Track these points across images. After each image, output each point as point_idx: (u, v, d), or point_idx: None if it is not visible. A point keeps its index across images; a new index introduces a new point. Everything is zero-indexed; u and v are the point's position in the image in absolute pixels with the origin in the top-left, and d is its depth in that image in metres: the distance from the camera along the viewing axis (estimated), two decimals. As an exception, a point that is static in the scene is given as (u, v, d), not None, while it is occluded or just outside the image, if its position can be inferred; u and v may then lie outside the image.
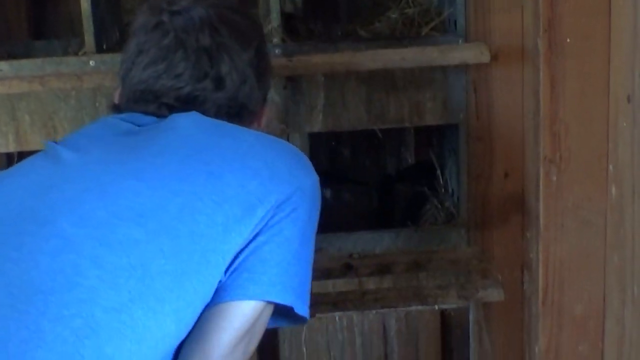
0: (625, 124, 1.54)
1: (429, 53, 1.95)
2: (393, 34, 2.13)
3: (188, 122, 1.37)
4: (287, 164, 1.34)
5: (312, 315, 1.83)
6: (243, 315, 1.27)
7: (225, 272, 1.26)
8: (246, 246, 1.27)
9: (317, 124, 2.05)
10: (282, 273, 1.29)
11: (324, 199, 1.41)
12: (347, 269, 2.00)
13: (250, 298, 1.27)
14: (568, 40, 1.69)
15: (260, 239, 1.27)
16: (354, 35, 2.15)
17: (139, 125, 1.42)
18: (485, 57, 1.93)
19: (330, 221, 2.30)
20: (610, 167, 1.60)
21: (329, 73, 1.98)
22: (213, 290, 1.25)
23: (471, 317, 2.22)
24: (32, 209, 1.26)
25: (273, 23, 2.03)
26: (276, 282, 1.29)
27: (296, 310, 1.32)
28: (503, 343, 2.10)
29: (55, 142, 1.39)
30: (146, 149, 1.32)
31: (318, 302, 1.83)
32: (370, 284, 2.11)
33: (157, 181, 1.26)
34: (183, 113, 1.40)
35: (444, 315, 2.60)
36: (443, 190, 2.33)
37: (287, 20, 2.15)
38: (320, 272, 1.96)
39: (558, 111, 1.65)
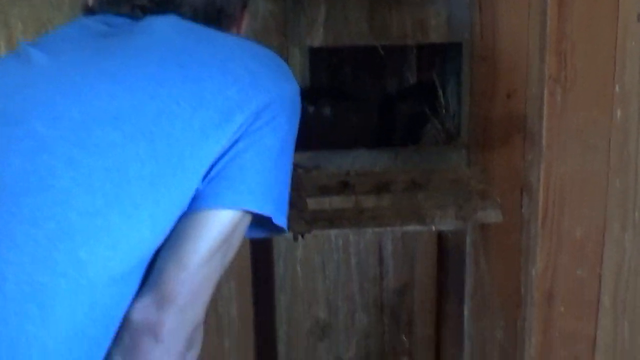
0: (634, 44, 1.49)
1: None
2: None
3: (165, 25, 1.31)
4: (267, 70, 1.29)
5: (308, 231, 1.82)
6: (220, 224, 1.24)
7: (203, 179, 1.22)
8: (225, 153, 1.23)
9: (318, 38, 2.00)
10: (262, 182, 1.26)
11: (323, 117, 1.37)
12: (344, 187, 1.96)
13: (228, 207, 1.23)
14: (577, -43, 1.64)
15: (239, 146, 1.23)
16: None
17: (113, 27, 1.36)
18: (492, -26, 1.88)
19: (329, 138, 2.27)
20: (617, 88, 1.56)
21: (330, -15, 1.94)
22: (190, 197, 1.22)
23: (468, 239, 2.21)
24: (3, 109, 1.22)
25: None
26: (255, 190, 1.25)
27: (274, 221, 1.29)
28: (500, 266, 2.09)
29: (27, 44, 1.33)
30: (122, 51, 1.27)
31: (314, 219, 1.80)
32: (368, 202, 2.08)
33: (133, 83, 1.22)
34: (160, 16, 1.34)
35: (441, 237, 2.59)
36: (444, 110, 2.30)
37: None
38: (317, 189, 1.93)
39: (565, 30, 1.61)
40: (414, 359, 2.69)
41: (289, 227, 1.33)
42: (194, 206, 1.22)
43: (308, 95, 2.10)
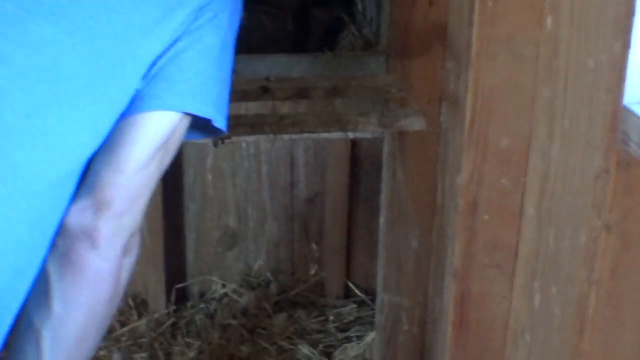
0: (567, -50, 1.46)
1: None
2: None
3: None
4: None
5: (228, 137, 1.77)
6: (159, 127, 1.19)
7: (142, 79, 1.17)
8: (165, 52, 1.17)
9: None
10: (202, 83, 1.21)
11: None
12: (263, 92, 1.91)
13: (167, 109, 1.18)
14: None
15: (179, 44, 1.18)
16: None
17: None
18: None
19: (244, 43, 2.20)
20: (548, -5, 1.54)
21: None
22: (129, 98, 1.16)
23: (385, 148, 2.19)
24: None
25: None
26: (195, 92, 1.20)
27: (214, 123, 1.24)
28: (416, 176, 2.08)
29: None
30: None
31: (234, 125, 1.75)
32: (286, 108, 2.04)
33: None
34: None
35: (353, 146, 2.58)
36: (361, 17, 2.26)
37: None
38: (236, 94, 1.86)
39: None
40: (323, 267, 2.69)
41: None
42: (133, 108, 1.17)
43: None
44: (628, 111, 1.23)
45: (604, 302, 1.39)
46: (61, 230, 1.16)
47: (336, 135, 1.83)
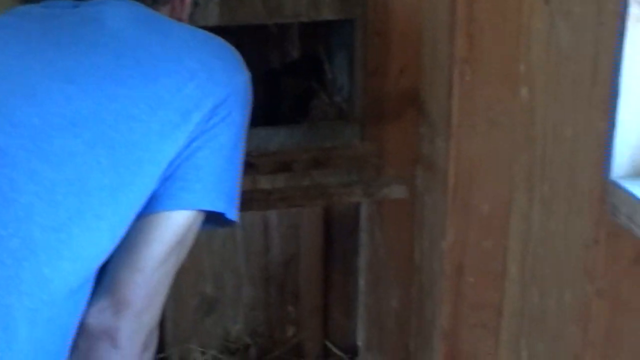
0: (539, 25, 1.55)
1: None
2: None
3: (115, 13, 1.26)
4: (222, 63, 1.27)
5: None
6: (176, 226, 1.23)
7: (159, 179, 1.21)
8: (181, 153, 1.21)
9: (213, 18, 1.99)
10: (216, 180, 1.25)
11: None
12: (248, 167, 1.96)
13: (183, 208, 1.22)
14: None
15: (194, 144, 1.22)
16: None
17: (55, 8, 1.29)
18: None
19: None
20: (522, 67, 1.61)
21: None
22: (146, 199, 1.20)
23: (363, 212, 2.25)
24: None
25: None
26: (210, 189, 1.24)
27: (227, 216, 1.29)
28: (394, 237, 2.14)
29: None
30: (73, 45, 1.22)
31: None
32: (267, 182, 2.09)
33: (90, 84, 1.17)
34: (105, 0, 1.28)
35: (327, 207, 2.62)
36: (332, 85, 2.32)
37: None
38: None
39: (473, 11, 1.65)
40: (301, 329, 2.73)
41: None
42: (149, 207, 1.20)
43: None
44: (616, 185, 1.30)
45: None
46: (81, 331, 1.18)
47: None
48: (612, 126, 1.29)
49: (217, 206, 1.26)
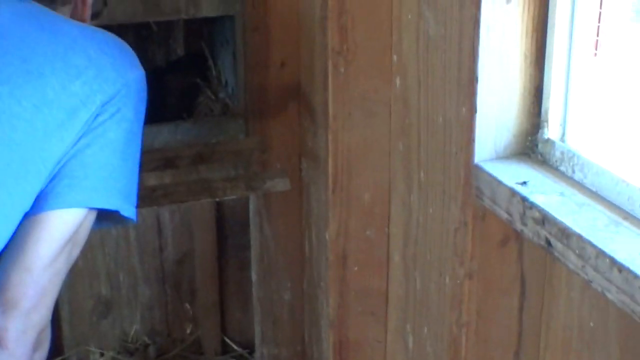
0: (409, 16, 1.58)
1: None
2: None
3: (1, 10, 1.24)
4: (111, 59, 1.25)
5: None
6: (64, 224, 1.22)
7: (47, 179, 1.20)
8: (68, 151, 1.20)
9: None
10: (106, 177, 1.24)
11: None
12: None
13: (71, 206, 1.21)
14: None
15: (82, 142, 1.21)
16: None
17: None
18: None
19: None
20: (395, 58, 1.64)
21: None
22: (33, 199, 1.19)
23: (251, 207, 2.26)
24: None
25: None
26: (99, 187, 1.23)
27: (122, 213, 1.28)
28: (283, 230, 2.15)
29: None
30: None
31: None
32: (153, 179, 2.08)
33: None
34: None
35: (218, 204, 2.63)
36: (217, 81, 2.33)
37: None
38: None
39: (344, 4, 1.67)
40: (198, 326, 2.73)
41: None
42: (37, 207, 1.19)
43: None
44: (480, 169, 1.34)
45: (474, 342, 1.50)
46: None
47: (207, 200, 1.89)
48: (474, 111, 1.32)
49: (110, 203, 1.25)
